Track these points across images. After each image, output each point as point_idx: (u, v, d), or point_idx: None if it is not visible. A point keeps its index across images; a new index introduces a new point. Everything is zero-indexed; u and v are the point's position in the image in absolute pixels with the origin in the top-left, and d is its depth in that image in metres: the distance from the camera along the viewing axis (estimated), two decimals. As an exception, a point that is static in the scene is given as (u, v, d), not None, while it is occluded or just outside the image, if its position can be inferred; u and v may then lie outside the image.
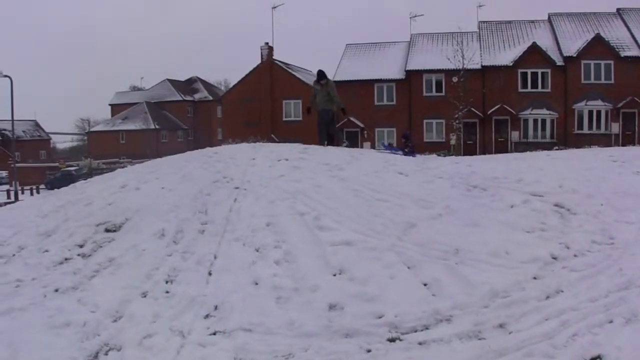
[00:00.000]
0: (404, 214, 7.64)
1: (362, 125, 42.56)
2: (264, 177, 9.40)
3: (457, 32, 41.95)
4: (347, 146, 14.32)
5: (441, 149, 36.41)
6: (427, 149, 35.39)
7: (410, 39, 45.72)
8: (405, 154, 14.92)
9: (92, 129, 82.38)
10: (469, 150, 37.97)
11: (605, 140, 35.62)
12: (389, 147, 16.49)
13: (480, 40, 42.43)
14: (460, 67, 37.29)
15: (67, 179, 42.59)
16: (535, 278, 6.03)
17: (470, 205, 7.95)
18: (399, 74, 42.35)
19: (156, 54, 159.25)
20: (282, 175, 9.44)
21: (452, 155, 28.81)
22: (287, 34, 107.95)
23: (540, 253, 6.49)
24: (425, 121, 41.43)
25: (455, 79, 37.83)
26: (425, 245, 6.73)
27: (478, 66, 39.22)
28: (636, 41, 38.44)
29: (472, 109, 38.41)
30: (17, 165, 49.76)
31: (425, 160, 11.92)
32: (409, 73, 41.60)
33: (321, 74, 14.69)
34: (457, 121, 37.58)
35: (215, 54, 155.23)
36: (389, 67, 43.17)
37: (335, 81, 43.41)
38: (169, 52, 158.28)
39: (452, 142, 38.09)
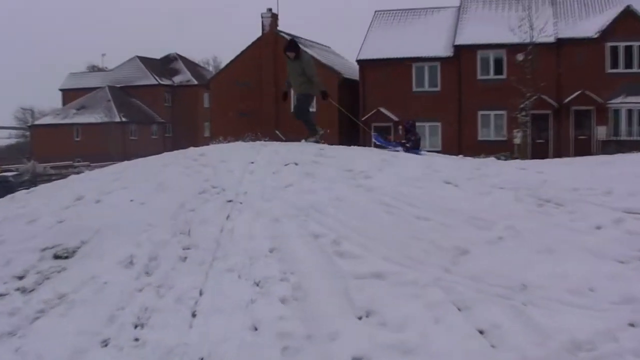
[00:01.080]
0: (452, 236, 7.59)
1: (395, 118, 42.61)
2: (266, 187, 9.40)
3: (524, -7, 42.02)
4: (317, 141, 14.14)
5: (502, 150, 36.34)
6: (483, 149, 35.35)
7: (461, 3, 45.77)
8: (407, 150, 14.97)
9: (36, 122, 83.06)
10: (540, 152, 37.86)
11: None
12: (386, 141, 16.38)
13: (554, 5, 42.41)
14: (528, 40, 37.21)
15: (2, 188, 42.91)
16: (631, 325, 5.97)
17: (541, 226, 7.89)
18: (444, 50, 42.45)
19: (122, 23, 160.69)
20: (291, 185, 9.43)
21: (516, 158, 28.74)
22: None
23: (637, 291, 6.43)
24: (480, 113, 41.46)
25: (520, 57, 37.73)
26: (481, 279, 6.68)
27: (552, 39, 39.25)
28: None
29: (544, 96, 38.33)
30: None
31: (480, 165, 11.88)
32: (458, 49, 41.68)
33: (291, 44, 14.42)
34: (523, 113, 37.49)
35: (201, 24, 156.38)
36: (431, 41, 43.26)
37: (362, 60, 44.21)
38: (139, 22, 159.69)
39: (517, 140, 37.99)
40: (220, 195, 9.20)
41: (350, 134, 44.35)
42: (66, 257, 7.74)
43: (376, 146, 15.20)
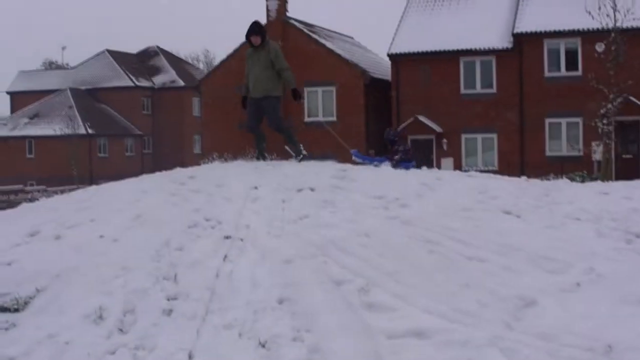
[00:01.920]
0: (514, 282, 7.58)
1: (438, 129, 42.62)
2: (274, 220, 9.42)
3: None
4: (302, 159, 14.11)
5: (577, 168, 36.20)
6: (553, 168, 35.29)
7: (522, -22, 45.75)
8: (396, 164, 14.97)
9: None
10: (627, 171, 37.64)
11: None
12: (368, 157, 16.39)
13: (643, -20, 42.38)
14: (611, 25, 37.09)
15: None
16: None
17: (630, 268, 7.87)
18: (501, 40, 42.42)
19: (88, 9, 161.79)
20: (305, 216, 9.45)
21: (596, 179, 28.61)
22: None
23: None
24: (548, 121, 41.37)
25: (601, 47, 37.63)
26: (552, 338, 6.65)
27: (641, 24, 39.15)
28: None
29: (632, 98, 38.18)
30: None
31: (549, 190, 11.86)
32: (519, 38, 41.65)
33: (256, 27, 14.35)
34: (604, 120, 37.32)
35: (187, 9, 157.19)
36: (484, 29, 43.25)
37: (394, 54, 44.30)
38: (110, 9, 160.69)
39: (597, 156, 37.83)
40: (215, 229, 9.23)
41: (381, 149, 44.41)
42: (16, 310, 7.72)
43: (357, 164, 15.11)
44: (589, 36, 38.92)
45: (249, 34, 14.18)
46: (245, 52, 14.73)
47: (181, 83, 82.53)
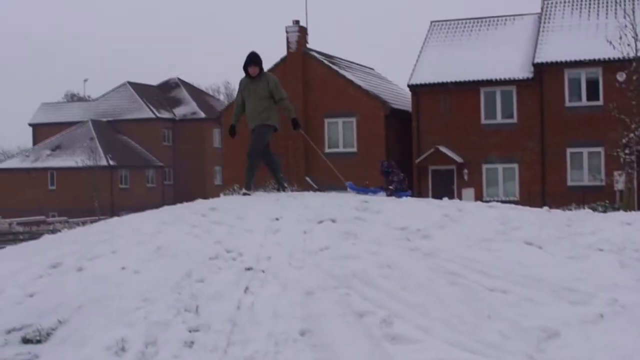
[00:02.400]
0: (537, 314, 7.55)
1: (459, 159, 42.55)
2: (296, 251, 9.41)
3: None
4: (282, 188, 14.33)
5: (599, 198, 36.09)
6: (574, 198, 35.15)
7: (542, 9, 45.88)
8: (392, 194, 14.91)
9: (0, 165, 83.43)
10: (650, 201, 37.49)
11: None
12: (363, 188, 16.20)
13: (664, 10, 42.32)
14: (632, 54, 37.00)
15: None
16: None
17: (654, 300, 7.82)
18: (521, 71, 42.44)
19: (110, 43, 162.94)
20: (327, 248, 9.44)
21: (618, 209, 28.51)
22: (328, 8, 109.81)
23: None
24: (569, 151, 41.25)
25: (622, 76, 37.58)
26: (576, 371, 6.62)
27: (663, 53, 39.04)
28: None
29: (655, 127, 38.03)
30: None
31: (571, 220, 11.81)
32: (539, 68, 41.64)
33: (254, 58, 14.35)
34: (626, 150, 37.20)
35: (208, 42, 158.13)
36: (504, 59, 43.31)
37: (415, 85, 44.32)
38: (130, 43, 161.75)
39: (619, 186, 37.71)
40: (236, 261, 9.22)
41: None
42: (38, 342, 7.72)
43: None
44: (610, 65, 38.90)
45: (247, 65, 14.20)
46: (240, 82, 14.66)
47: (202, 115, 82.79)
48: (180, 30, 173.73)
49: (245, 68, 14.25)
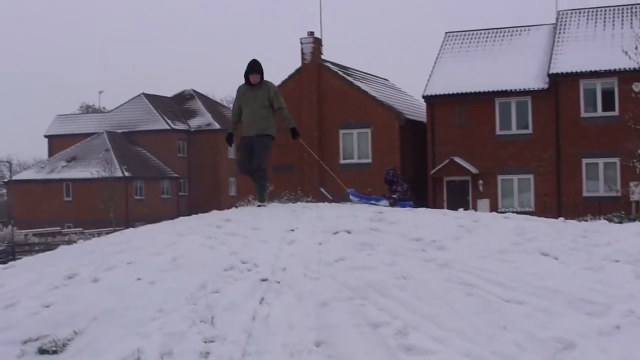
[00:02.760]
0: (553, 325, 7.53)
1: (474, 170, 42.47)
2: (311, 263, 9.41)
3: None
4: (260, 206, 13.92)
5: (615, 209, 35.88)
6: (590, 209, 35.01)
7: (558, 20, 45.79)
8: (394, 203, 14.82)
9: (16, 177, 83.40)
10: (666, 212, 37.38)
11: None
12: (366, 196, 16.01)
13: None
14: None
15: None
16: None
17: (672, 311, 7.79)
18: (537, 81, 42.36)
19: (125, 56, 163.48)
20: (342, 259, 9.44)
21: (635, 220, 28.38)
22: (343, 20, 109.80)
23: None
24: (585, 162, 41.11)
25: (638, 87, 37.57)
26: (593, 383, 6.60)
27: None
28: None
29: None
30: None
31: (587, 231, 11.77)
32: (555, 79, 41.56)
33: (256, 66, 14.12)
34: (641, 161, 37.16)
35: (224, 54, 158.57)
36: (519, 70, 43.25)
37: (430, 96, 44.27)
38: (145, 56, 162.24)
39: (635, 197, 37.62)
40: (252, 272, 9.23)
41: (416, 191, 44.27)
42: (55, 352, 7.74)
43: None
44: (626, 76, 38.83)
45: (249, 72, 14.00)
46: (238, 89, 14.39)
47: (217, 126, 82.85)
48: (195, 42, 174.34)
49: (246, 75, 14.06)
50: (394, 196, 15.27)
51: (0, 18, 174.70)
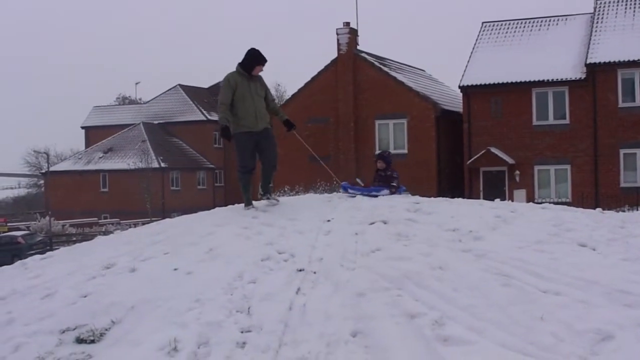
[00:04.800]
0: (591, 316, 7.47)
1: (510, 161, 42.25)
2: (347, 253, 9.41)
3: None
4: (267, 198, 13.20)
5: (654, 200, 35.73)
6: (628, 199, 34.84)
7: (595, 9, 45.41)
8: (395, 191, 14.17)
9: (52, 168, 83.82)
10: None
11: None
12: (362, 188, 14.90)
13: None
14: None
15: (9, 251, 43.69)
16: None
17: None
18: (574, 71, 42.03)
19: (161, 47, 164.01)
20: (378, 249, 9.44)
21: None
22: (378, 10, 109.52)
23: None
24: (622, 152, 40.78)
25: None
26: (632, 374, 6.55)
27: None
28: None
29: None
30: None
31: (625, 222, 11.70)
32: (592, 68, 41.22)
33: (264, 57, 13.08)
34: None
35: (260, 45, 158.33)
36: (556, 60, 42.93)
37: (466, 86, 44.06)
38: (181, 47, 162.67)
39: (674, 187, 37.32)
40: (288, 262, 9.26)
41: (452, 181, 44.18)
42: (92, 342, 7.80)
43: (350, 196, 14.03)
44: (664, 65, 38.52)
45: (257, 63, 12.92)
46: (232, 77, 12.89)
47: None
48: (231, 34, 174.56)
49: (251, 66, 12.87)
50: (393, 184, 14.69)
51: (42, 10, 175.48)
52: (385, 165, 14.90)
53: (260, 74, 13.24)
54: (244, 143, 12.91)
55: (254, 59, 12.87)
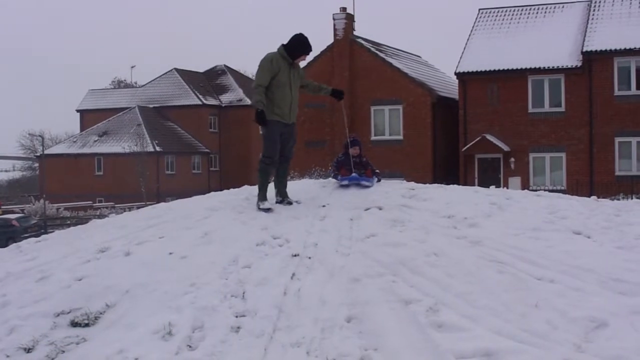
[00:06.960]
0: (585, 304, 7.49)
1: (505, 147, 42.28)
2: (342, 238, 9.42)
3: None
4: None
5: (648, 188, 35.80)
6: (623, 187, 34.89)
7: (592, -4, 45.32)
8: (379, 178, 13.73)
9: (47, 151, 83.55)
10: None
11: None
12: (351, 177, 14.14)
13: None
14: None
15: (3, 234, 43.77)
16: None
17: None
18: (570, 59, 42.02)
19: (157, 31, 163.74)
20: (373, 235, 9.45)
21: (667, 200, 28.19)
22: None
23: None
24: (618, 140, 40.83)
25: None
26: (625, 361, 6.56)
27: None
28: None
29: None
30: None
31: (620, 210, 11.71)
32: (588, 56, 41.21)
33: (305, 42, 12.00)
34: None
35: (255, 29, 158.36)
36: (552, 47, 42.92)
37: (462, 73, 44.04)
38: (177, 31, 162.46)
39: (668, 175, 37.37)
40: (283, 247, 9.27)
41: (447, 168, 44.22)
42: (87, 325, 7.82)
43: (343, 185, 13.48)
44: (660, 53, 38.52)
45: (303, 52, 11.97)
46: (275, 60, 11.79)
47: (248, 101, 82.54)
48: (227, 17, 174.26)
49: (296, 53, 11.87)
50: (377, 171, 14.19)
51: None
52: (359, 151, 14.12)
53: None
54: (275, 132, 12.03)
55: (300, 46, 11.87)
